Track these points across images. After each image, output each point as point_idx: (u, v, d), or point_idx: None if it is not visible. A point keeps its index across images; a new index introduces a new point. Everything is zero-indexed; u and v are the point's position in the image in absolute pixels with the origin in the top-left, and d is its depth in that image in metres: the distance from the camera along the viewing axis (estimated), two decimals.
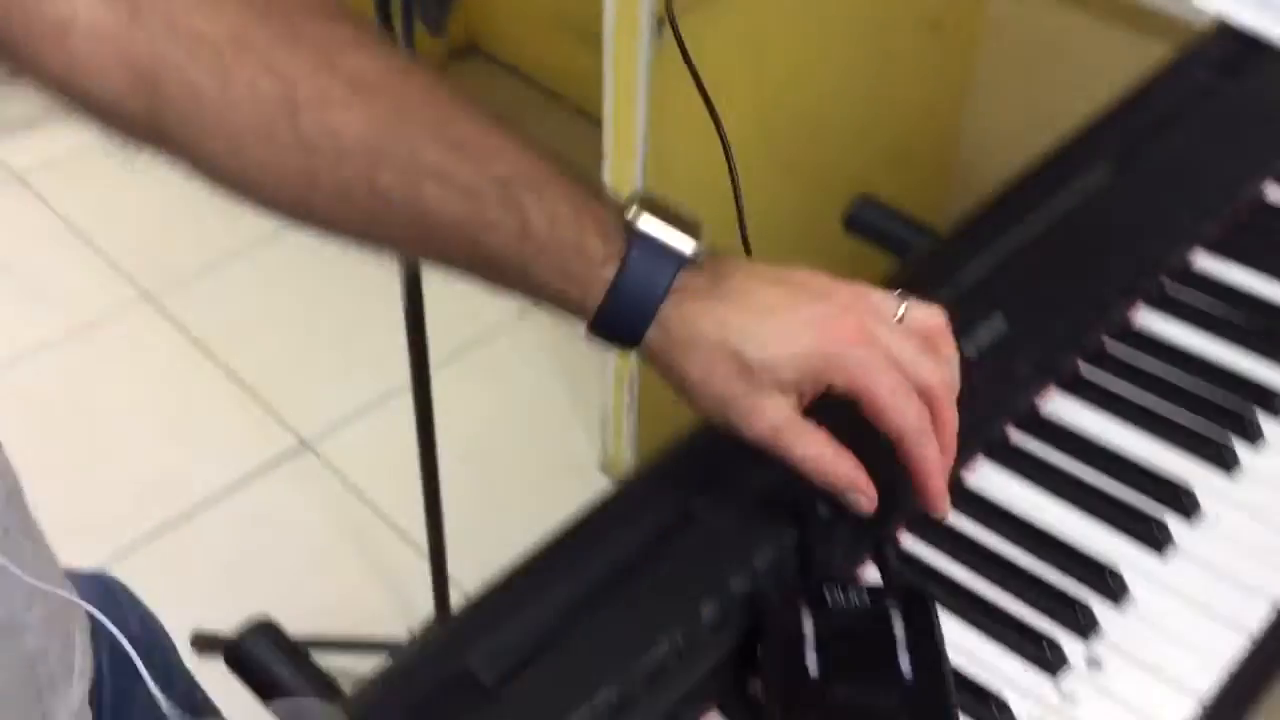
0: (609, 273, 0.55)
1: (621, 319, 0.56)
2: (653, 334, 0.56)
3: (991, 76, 1.69)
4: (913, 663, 0.54)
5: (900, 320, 0.58)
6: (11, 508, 0.60)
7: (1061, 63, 1.55)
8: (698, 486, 0.62)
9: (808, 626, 0.55)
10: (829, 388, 0.56)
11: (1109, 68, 0.99)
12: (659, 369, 0.57)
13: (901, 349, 0.56)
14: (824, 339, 0.55)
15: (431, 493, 1.42)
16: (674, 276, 0.55)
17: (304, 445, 1.83)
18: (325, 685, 0.61)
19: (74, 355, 1.94)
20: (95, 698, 0.68)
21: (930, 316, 0.59)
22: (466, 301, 2.09)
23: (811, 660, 0.54)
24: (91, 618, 0.66)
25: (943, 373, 0.58)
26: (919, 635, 0.55)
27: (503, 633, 0.57)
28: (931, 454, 0.57)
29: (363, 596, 1.65)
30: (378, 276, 1.24)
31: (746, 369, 0.55)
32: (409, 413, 1.34)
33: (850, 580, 0.61)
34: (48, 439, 1.76)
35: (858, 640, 0.55)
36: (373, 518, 1.74)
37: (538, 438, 1.85)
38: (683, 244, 0.56)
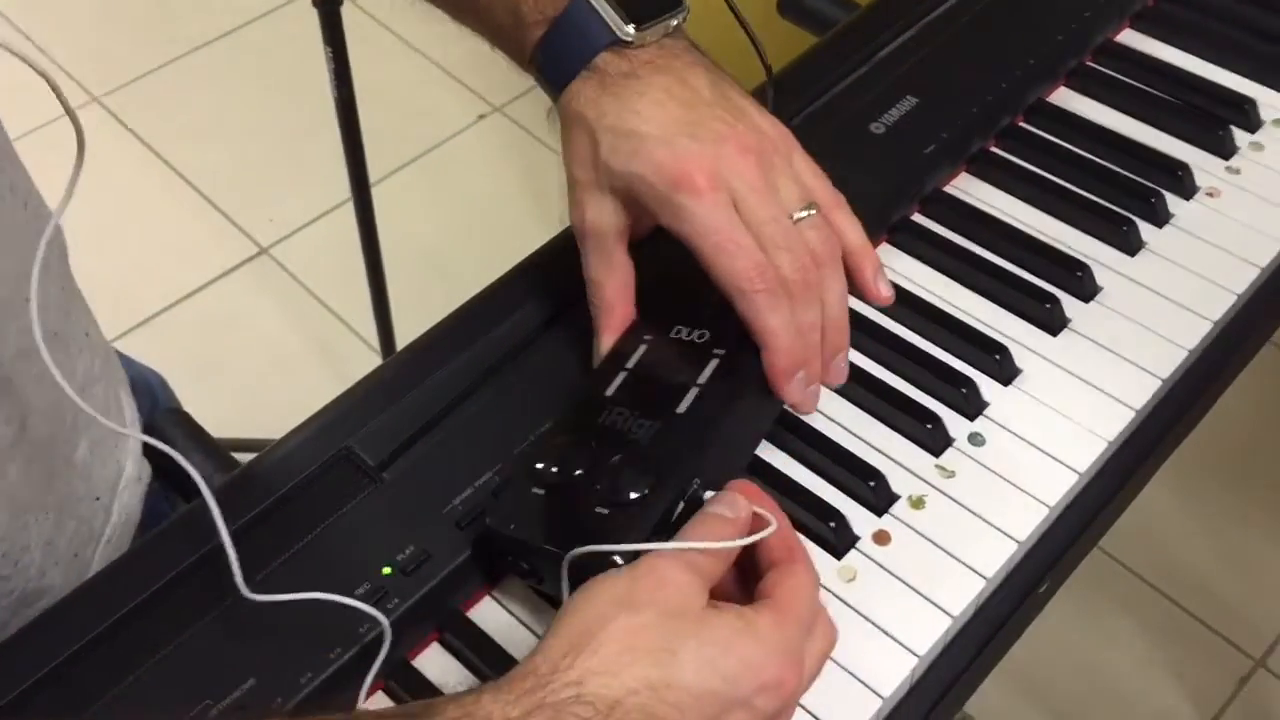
0: (536, 34, 0.57)
1: (545, 77, 0.58)
2: (564, 99, 0.57)
3: None
4: (693, 404, 0.52)
5: (798, 217, 0.54)
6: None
7: None
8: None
9: (637, 352, 0.55)
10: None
11: None
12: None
13: (767, 215, 0.53)
14: (669, 175, 0.53)
15: (379, 293, 1.42)
16: (595, 53, 0.56)
17: (261, 250, 1.82)
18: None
19: (31, 159, 1.90)
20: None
21: (824, 241, 0.54)
22: (426, 104, 2.04)
23: (616, 381, 0.54)
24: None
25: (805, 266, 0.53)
26: (725, 384, 0.53)
27: (386, 416, 0.57)
28: (773, 322, 0.52)
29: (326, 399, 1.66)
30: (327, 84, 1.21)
31: (595, 161, 0.55)
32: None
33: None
34: None
35: (663, 372, 0.54)
36: (333, 321, 1.75)
37: (496, 240, 1.83)
38: (616, 24, 0.55)
